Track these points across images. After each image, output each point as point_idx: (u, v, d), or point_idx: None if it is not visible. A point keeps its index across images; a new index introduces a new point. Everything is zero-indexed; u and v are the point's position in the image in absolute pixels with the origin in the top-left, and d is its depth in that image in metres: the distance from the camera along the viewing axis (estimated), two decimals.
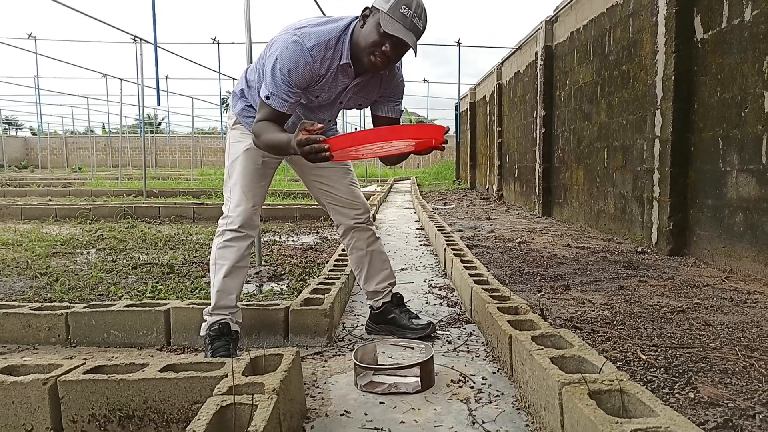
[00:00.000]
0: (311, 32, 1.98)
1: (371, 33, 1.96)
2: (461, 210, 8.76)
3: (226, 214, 2.22)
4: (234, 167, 2.25)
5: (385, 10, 1.93)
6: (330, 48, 2.00)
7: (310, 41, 1.96)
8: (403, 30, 1.93)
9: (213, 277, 2.21)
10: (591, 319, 2.63)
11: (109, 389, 1.57)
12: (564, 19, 7.06)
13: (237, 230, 2.19)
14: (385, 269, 2.57)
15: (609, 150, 5.70)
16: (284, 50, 1.95)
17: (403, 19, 1.92)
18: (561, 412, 1.42)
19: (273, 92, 1.97)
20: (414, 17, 1.93)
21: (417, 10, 1.95)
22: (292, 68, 1.95)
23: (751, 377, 1.89)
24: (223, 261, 2.19)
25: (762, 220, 3.44)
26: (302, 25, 2.01)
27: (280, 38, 2.00)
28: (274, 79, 1.96)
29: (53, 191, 11.59)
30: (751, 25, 3.52)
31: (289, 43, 1.95)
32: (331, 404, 1.80)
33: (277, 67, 1.95)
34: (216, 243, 2.22)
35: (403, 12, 1.92)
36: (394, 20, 1.92)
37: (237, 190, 2.22)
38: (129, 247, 4.94)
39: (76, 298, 3.08)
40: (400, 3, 1.93)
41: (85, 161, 32.32)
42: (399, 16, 1.92)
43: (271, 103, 1.98)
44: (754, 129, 3.50)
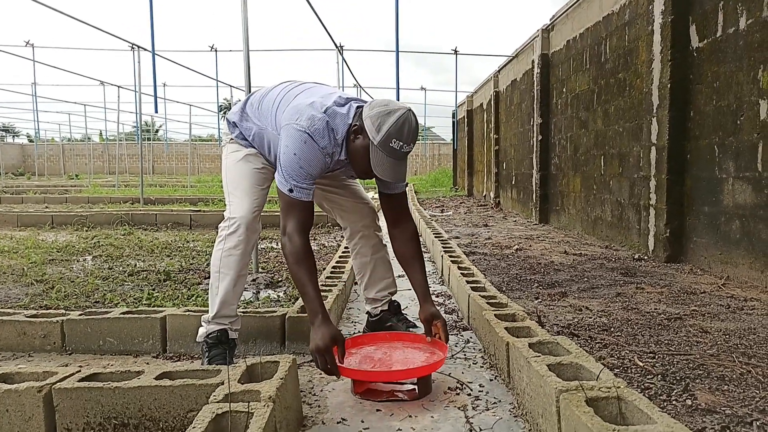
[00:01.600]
0: (323, 129, 1.96)
1: (363, 158, 1.98)
2: (458, 217, 8.77)
3: (228, 217, 2.20)
4: (233, 172, 2.24)
5: (376, 142, 1.92)
6: (337, 146, 2.03)
7: (323, 140, 1.97)
8: (393, 164, 1.95)
9: (216, 286, 2.17)
10: (588, 326, 2.63)
11: (105, 397, 1.56)
12: (560, 27, 7.10)
13: (238, 234, 2.15)
14: (387, 278, 2.57)
15: (605, 157, 5.71)
16: (302, 147, 1.94)
17: (393, 153, 1.93)
18: (558, 420, 1.41)
19: (296, 185, 1.97)
20: (404, 147, 1.93)
21: (407, 137, 1.93)
22: (312, 164, 1.97)
23: (748, 384, 1.89)
24: (227, 270, 2.15)
25: (758, 227, 3.45)
26: (313, 116, 1.97)
27: (294, 129, 1.96)
28: (293, 172, 1.96)
29: (50, 198, 11.57)
30: (746, 33, 3.55)
31: (307, 140, 1.94)
32: (328, 412, 1.79)
33: (295, 162, 1.95)
34: (218, 250, 2.18)
35: (393, 146, 1.92)
36: (384, 155, 1.93)
37: (237, 194, 2.20)
38: (125, 254, 4.93)
39: (71, 306, 3.07)
40: (391, 137, 1.91)
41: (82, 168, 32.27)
42: (389, 150, 1.92)
43: (295, 195, 1.98)
44: (750, 137, 3.52)
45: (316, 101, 2.03)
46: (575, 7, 6.51)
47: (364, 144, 1.97)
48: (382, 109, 1.95)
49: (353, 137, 2.00)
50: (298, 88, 2.19)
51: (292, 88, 2.20)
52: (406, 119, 1.93)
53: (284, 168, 1.97)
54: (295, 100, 2.09)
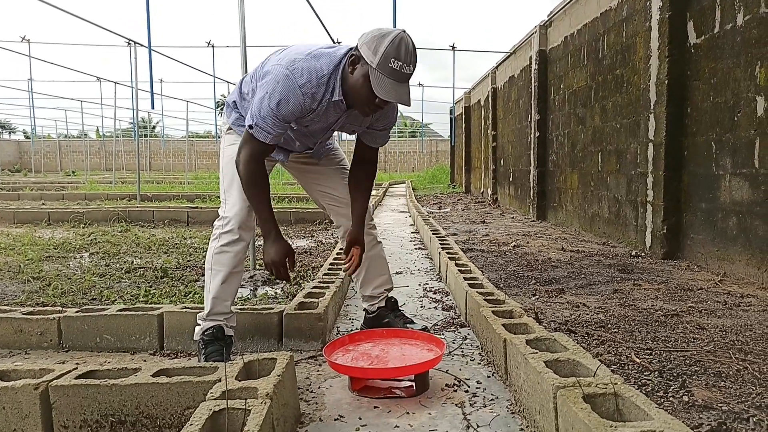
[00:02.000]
0: (303, 68, 1.95)
1: (362, 87, 1.93)
2: (456, 214, 8.77)
3: (222, 215, 2.20)
4: (229, 168, 2.23)
5: (374, 65, 1.88)
6: (321, 85, 1.98)
7: (302, 78, 1.94)
8: (394, 87, 1.90)
9: (209, 282, 2.18)
10: (585, 322, 2.63)
11: (101, 394, 1.56)
12: (558, 23, 7.09)
13: (233, 232, 2.16)
14: (383, 275, 2.57)
15: (603, 154, 5.72)
16: (275, 85, 1.94)
17: (393, 74, 1.88)
18: (556, 416, 1.42)
19: (257, 123, 1.97)
20: (404, 67, 1.89)
21: (406, 57, 1.89)
22: (282, 102, 1.94)
23: (744, 380, 1.89)
24: (219, 267, 2.16)
25: (755, 223, 3.46)
26: (296, 58, 1.97)
27: (273, 70, 1.97)
28: (260, 110, 1.96)
29: (46, 195, 11.54)
30: (744, 30, 3.55)
31: (281, 78, 1.94)
32: (325, 409, 1.79)
33: (266, 100, 1.94)
34: (212, 247, 2.19)
35: (392, 66, 1.87)
36: (384, 77, 1.88)
37: (233, 191, 2.19)
38: (122, 251, 4.92)
39: (68, 303, 3.06)
40: (389, 56, 1.87)
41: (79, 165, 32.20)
42: (388, 71, 1.87)
43: (253, 132, 1.99)
44: (747, 133, 3.52)
45: (303, 47, 2.04)
46: (573, 3, 6.50)
47: (363, 72, 1.91)
48: (376, 33, 1.91)
49: (351, 69, 1.96)
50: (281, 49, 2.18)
51: (276, 51, 2.17)
52: (402, 39, 1.89)
53: (255, 106, 1.98)
54: (278, 53, 2.09)
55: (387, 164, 32.94)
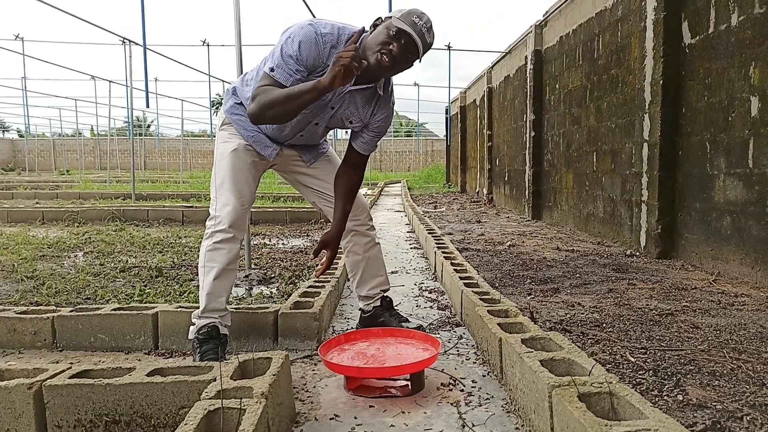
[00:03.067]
0: (327, 22, 2.05)
1: (380, 33, 2.02)
2: (451, 213, 8.78)
3: (213, 215, 2.19)
4: (221, 167, 2.23)
5: (397, 16, 2.01)
6: (341, 42, 2.03)
7: (325, 29, 2.02)
8: (413, 33, 1.99)
9: (202, 280, 2.18)
10: (580, 321, 2.64)
11: (96, 394, 1.55)
12: (553, 23, 7.10)
13: (225, 231, 2.16)
14: (379, 276, 2.57)
15: (598, 154, 5.73)
16: (298, 30, 2.00)
17: (414, 26, 1.98)
18: (551, 415, 1.42)
19: (278, 65, 1.98)
20: (423, 27, 2.00)
21: (427, 23, 2.03)
22: (303, 42, 1.98)
23: (738, 379, 1.90)
24: (212, 264, 2.16)
25: (749, 223, 3.47)
26: (319, 19, 2.07)
27: (294, 25, 2.04)
28: (282, 52, 1.98)
29: (40, 194, 11.48)
30: (738, 30, 3.56)
31: (304, 25, 2.01)
32: (321, 408, 1.79)
33: (288, 43, 1.98)
34: (205, 245, 2.19)
35: (414, 20, 1.99)
36: (405, 23, 1.98)
37: (225, 190, 2.19)
38: (117, 250, 4.90)
39: (62, 302, 3.05)
40: (412, 13, 2.00)
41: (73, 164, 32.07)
42: (410, 22, 1.99)
43: (275, 75, 1.98)
44: (741, 133, 3.54)
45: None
46: (568, 3, 6.51)
47: (385, 24, 2.01)
48: (402, 7, 2.06)
49: (372, 30, 2.06)
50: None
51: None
52: (425, 13, 2.04)
53: (274, 53, 2.00)
54: None
55: (383, 163, 32.95)
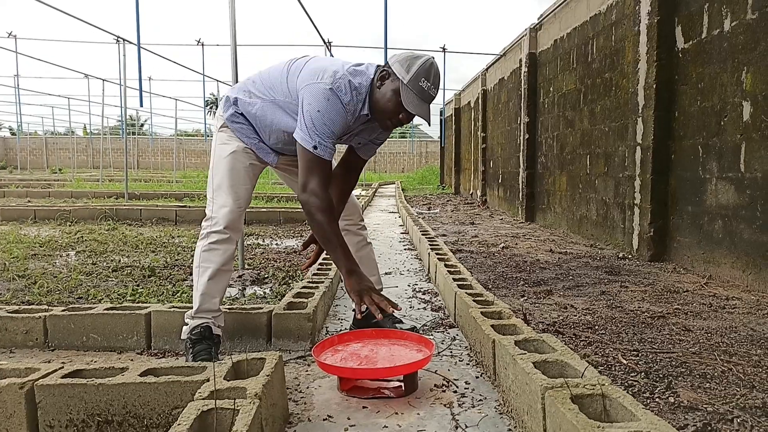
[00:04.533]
0: (345, 85, 2.04)
1: (390, 100, 2.04)
2: (445, 215, 8.79)
3: (210, 216, 2.20)
4: (219, 168, 2.23)
5: (405, 81, 2.00)
6: (359, 102, 2.09)
7: (346, 96, 2.03)
8: (421, 104, 2.02)
9: (196, 280, 2.18)
10: (573, 323, 2.65)
11: (88, 394, 1.55)
12: (548, 27, 7.13)
13: (221, 231, 2.16)
14: (372, 275, 2.57)
15: (591, 157, 5.76)
16: (326, 102, 2.00)
17: (422, 93, 2.01)
18: (543, 417, 1.42)
19: (319, 142, 2.02)
20: (432, 89, 2.03)
21: (435, 80, 2.03)
22: (334, 118, 2.02)
23: (729, 382, 1.92)
24: (207, 264, 2.16)
25: (740, 227, 3.50)
26: (335, 73, 2.03)
27: (316, 89, 2.01)
28: (315, 128, 2.01)
29: (32, 192, 11.41)
30: (730, 35, 3.59)
31: (329, 95, 2.00)
32: (314, 409, 1.79)
33: (319, 118, 2.01)
34: (200, 246, 2.19)
35: (422, 86, 2.01)
36: (414, 94, 2.00)
37: (222, 191, 2.20)
38: (109, 250, 4.88)
39: (54, 301, 3.03)
40: (420, 76, 2.00)
41: (66, 162, 31.87)
42: (418, 89, 2.00)
43: (319, 152, 2.02)
44: (733, 137, 3.56)
45: (336, 62, 2.11)
46: (563, 7, 6.54)
47: (392, 86, 2.03)
48: (409, 55, 2.07)
49: (379, 84, 2.08)
50: (305, 58, 2.22)
51: (299, 59, 2.22)
52: (432, 64, 2.05)
53: (308, 125, 2.01)
54: (309, 65, 2.13)
55: (377, 165, 32.95)
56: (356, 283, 2.04)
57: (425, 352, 2.03)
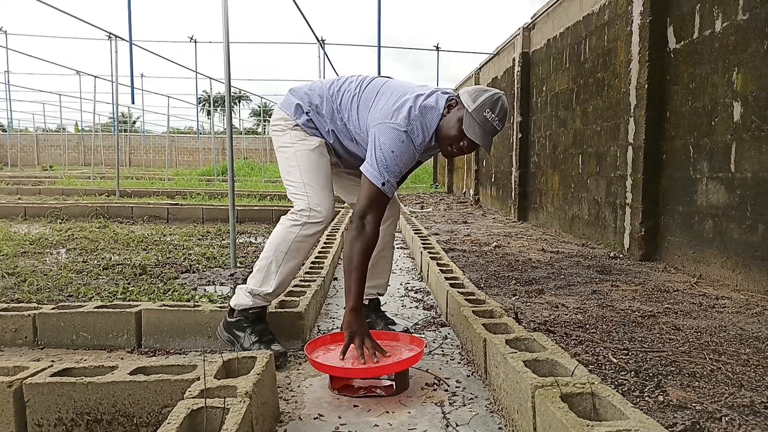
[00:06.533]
0: (418, 126, 2.05)
1: (453, 127, 2.05)
2: (438, 213, 8.80)
3: (310, 207, 2.18)
4: (308, 162, 2.24)
5: (470, 109, 2.01)
6: (429, 138, 2.10)
7: (418, 138, 2.06)
8: (483, 134, 2.01)
9: (278, 265, 2.17)
10: (564, 322, 2.66)
11: (77, 392, 1.54)
12: (541, 26, 7.15)
13: (320, 223, 2.19)
14: (382, 278, 2.59)
15: (584, 156, 5.78)
16: (400, 144, 2.03)
17: (485, 123, 2.01)
18: (533, 415, 1.43)
19: (388, 180, 2.04)
20: (495, 121, 2.02)
21: (500, 113, 2.03)
22: (404, 158, 2.06)
23: (718, 380, 1.93)
24: (296, 254, 2.19)
25: (730, 227, 3.52)
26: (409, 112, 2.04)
27: (390, 129, 2.03)
28: (386, 166, 2.03)
29: (23, 189, 11.32)
30: (722, 36, 3.61)
31: (403, 137, 2.03)
32: (305, 407, 1.79)
33: (391, 159, 2.03)
34: (292, 232, 2.17)
35: (486, 116, 2.00)
36: (477, 123, 2.00)
37: (316, 185, 2.21)
38: (100, 248, 4.85)
39: (44, 299, 3.01)
40: (485, 106, 2.01)
41: (57, 159, 31.62)
42: (482, 119, 2.00)
43: (385, 189, 2.05)
44: (724, 138, 3.59)
45: (408, 95, 2.10)
46: (556, 6, 6.56)
47: (458, 114, 2.05)
48: (480, 88, 2.09)
49: (446, 111, 2.09)
50: (375, 84, 2.23)
51: (370, 83, 2.23)
52: (501, 98, 2.05)
53: (380, 162, 2.03)
54: (382, 98, 2.14)
55: None
56: (354, 323, 2.00)
57: (416, 350, 2.03)
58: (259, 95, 22.47)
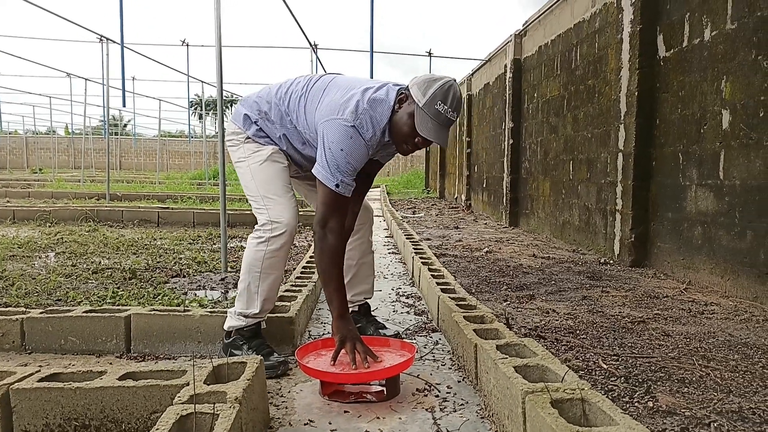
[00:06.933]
0: (367, 120, 1.99)
1: (405, 124, 1.98)
2: (430, 219, 8.81)
3: (271, 220, 2.14)
4: (262, 174, 2.20)
5: (421, 104, 1.93)
6: (382, 133, 2.05)
7: (368, 132, 1.99)
8: (437, 129, 1.94)
9: (257, 285, 2.15)
10: (555, 328, 2.67)
11: (65, 398, 1.53)
12: (533, 33, 7.19)
13: (284, 235, 2.14)
14: (367, 283, 2.58)
15: (574, 162, 5.81)
16: (349, 142, 1.96)
17: (437, 116, 1.93)
18: (524, 421, 1.43)
19: (342, 180, 1.98)
20: (449, 112, 1.94)
21: (453, 103, 1.94)
22: (356, 155, 1.98)
23: (707, 386, 1.94)
24: (271, 271, 2.16)
25: (719, 233, 3.55)
26: (357, 106, 1.98)
27: (337, 125, 1.97)
28: (338, 166, 1.97)
29: (12, 192, 11.23)
30: (711, 45, 3.65)
31: (351, 133, 1.96)
32: (295, 413, 1.78)
33: (342, 157, 1.97)
34: (260, 251, 2.14)
35: (438, 108, 1.92)
36: (429, 117, 1.93)
37: (275, 196, 2.17)
38: (90, 251, 4.81)
39: (32, 303, 2.98)
40: (436, 98, 1.92)
41: (47, 162, 31.40)
42: (433, 113, 1.92)
43: (341, 190, 1.99)
44: (713, 145, 3.62)
45: (355, 89, 2.04)
46: (547, 14, 6.60)
47: (408, 110, 1.98)
48: (428, 77, 1.99)
49: (398, 107, 2.02)
50: (323, 81, 2.18)
51: (317, 81, 2.19)
52: (452, 86, 1.96)
53: (330, 163, 1.97)
54: (329, 94, 2.09)
55: None
56: (343, 328, 2.00)
57: (407, 356, 2.03)
58: None
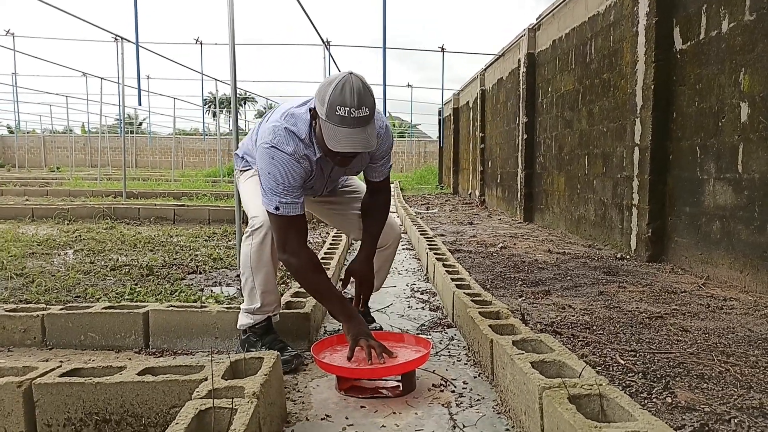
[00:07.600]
0: (284, 135, 1.97)
1: (322, 141, 1.92)
2: (444, 215, 8.79)
3: (251, 217, 2.19)
4: (248, 187, 2.31)
5: (323, 117, 1.83)
6: (308, 146, 2.02)
7: (289, 146, 1.97)
8: (348, 135, 1.83)
9: (251, 280, 2.16)
10: (571, 324, 2.65)
11: (86, 393, 1.55)
12: (546, 27, 7.14)
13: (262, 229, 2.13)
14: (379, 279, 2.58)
15: (590, 157, 5.76)
16: (271, 161, 1.95)
17: (342, 121, 1.81)
18: (541, 417, 1.43)
19: (281, 201, 1.97)
20: (352, 111, 1.80)
21: (352, 101, 1.80)
22: (286, 173, 1.97)
23: (726, 382, 1.92)
24: (260, 265, 2.16)
25: (738, 228, 3.50)
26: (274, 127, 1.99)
27: (260, 151, 1.99)
28: (272, 190, 1.97)
29: (30, 191, 11.39)
30: (728, 37, 3.59)
31: (272, 153, 1.96)
32: (312, 408, 1.79)
33: (271, 180, 1.96)
34: (246, 246, 2.16)
35: (340, 114, 1.80)
36: (335, 127, 1.82)
37: (255, 199, 2.20)
38: (107, 249, 4.87)
39: (52, 300, 3.02)
40: (334, 104, 1.80)
41: (64, 161, 31.79)
42: (337, 119, 1.81)
43: (282, 212, 1.97)
44: (731, 138, 3.57)
45: (275, 114, 2.09)
46: (561, 7, 6.55)
47: (320, 124, 1.89)
48: (324, 83, 1.89)
49: (315, 124, 1.96)
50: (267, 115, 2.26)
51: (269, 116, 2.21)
52: (346, 82, 1.81)
53: (266, 189, 1.99)
54: (261, 127, 2.16)
55: None
56: (354, 328, 2.00)
57: (423, 351, 2.03)
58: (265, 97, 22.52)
